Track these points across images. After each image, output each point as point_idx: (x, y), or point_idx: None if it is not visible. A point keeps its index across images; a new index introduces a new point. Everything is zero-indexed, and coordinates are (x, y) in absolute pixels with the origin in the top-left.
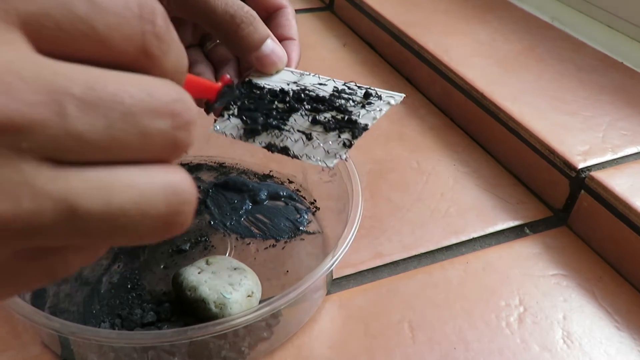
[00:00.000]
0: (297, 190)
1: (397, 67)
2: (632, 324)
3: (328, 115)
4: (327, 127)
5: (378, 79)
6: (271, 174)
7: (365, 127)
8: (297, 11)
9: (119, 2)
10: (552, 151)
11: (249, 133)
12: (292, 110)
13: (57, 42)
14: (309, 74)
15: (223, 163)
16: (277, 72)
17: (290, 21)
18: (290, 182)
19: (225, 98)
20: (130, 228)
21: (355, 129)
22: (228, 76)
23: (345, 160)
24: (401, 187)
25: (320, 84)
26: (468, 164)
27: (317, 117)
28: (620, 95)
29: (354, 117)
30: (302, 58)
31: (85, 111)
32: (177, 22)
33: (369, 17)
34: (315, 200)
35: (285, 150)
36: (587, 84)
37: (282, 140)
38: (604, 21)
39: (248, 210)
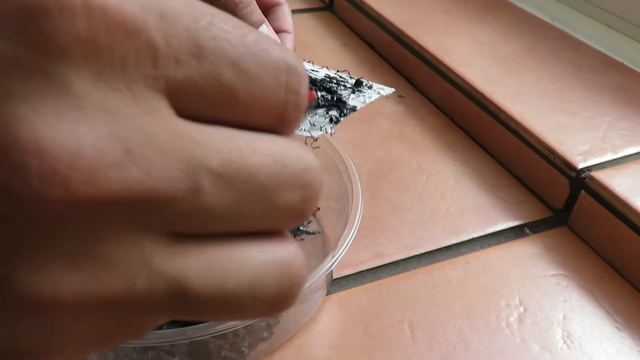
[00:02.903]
0: None
1: (397, 67)
2: (632, 324)
3: (318, 94)
4: (316, 104)
5: (378, 79)
6: None
7: (353, 108)
8: (297, 11)
9: (268, 71)
10: (552, 151)
11: None
12: None
13: (197, 107)
14: (304, 61)
15: None
16: None
17: (287, 16)
18: None
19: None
20: (238, 311)
21: (344, 108)
22: (315, 93)
23: (331, 135)
24: (401, 187)
25: (313, 70)
26: (468, 164)
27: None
28: (620, 95)
29: (343, 98)
30: (301, 58)
31: (219, 187)
32: None
33: (369, 17)
34: None
35: None
36: (587, 84)
37: None
38: (604, 21)
39: None
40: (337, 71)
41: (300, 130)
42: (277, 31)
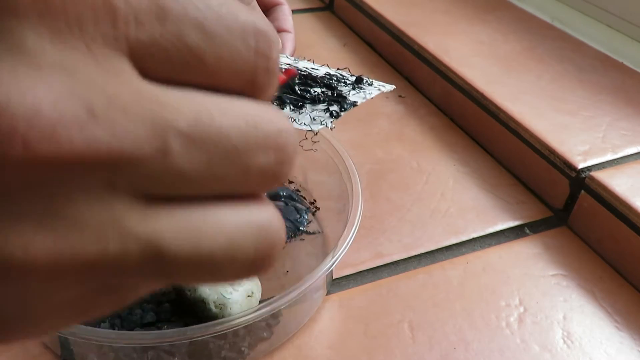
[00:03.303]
0: (297, 190)
1: (397, 67)
2: (632, 324)
3: (318, 90)
4: (316, 100)
5: (378, 79)
6: None
7: (354, 103)
8: (297, 11)
9: (235, 34)
10: (552, 151)
11: None
12: None
13: (162, 70)
14: (304, 59)
15: None
16: None
17: (287, 16)
18: (290, 182)
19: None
20: (215, 273)
21: (344, 103)
22: (296, 70)
23: (331, 129)
24: (401, 187)
25: (314, 68)
26: (468, 164)
27: (308, 89)
28: (620, 95)
29: (344, 94)
30: (301, 56)
31: (188, 147)
32: None
33: (369, 17)
34: (315, 200)
35: None
36: (587, 84)
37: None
38: (604, 21)
39: None
40: (338, 69)
41: (301, 124)
42: (278, 31)
